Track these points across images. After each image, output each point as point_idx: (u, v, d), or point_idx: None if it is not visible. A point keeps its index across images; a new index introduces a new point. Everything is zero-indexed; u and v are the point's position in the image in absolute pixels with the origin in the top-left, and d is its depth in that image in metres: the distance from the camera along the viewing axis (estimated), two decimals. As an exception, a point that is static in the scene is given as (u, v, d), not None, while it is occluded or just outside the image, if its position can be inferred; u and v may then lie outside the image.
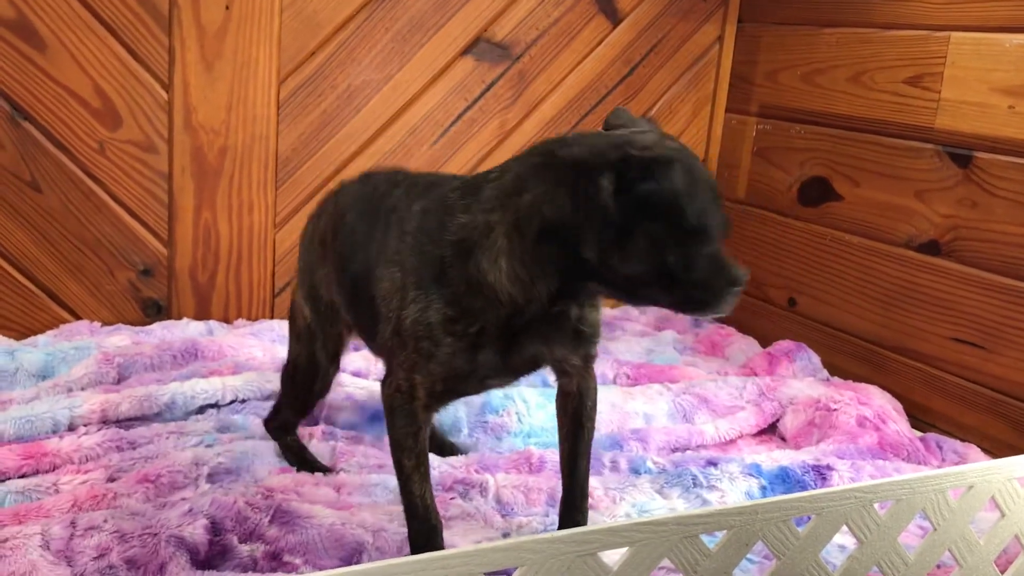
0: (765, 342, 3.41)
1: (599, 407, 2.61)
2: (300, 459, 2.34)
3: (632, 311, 3.77)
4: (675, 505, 2.10)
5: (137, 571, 1.78)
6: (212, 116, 3.06)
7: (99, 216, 2.99)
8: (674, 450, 2.59)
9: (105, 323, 3.05)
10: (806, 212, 3.41)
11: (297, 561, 1.85)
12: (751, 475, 2.21)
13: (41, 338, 2.88)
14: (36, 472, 2.20)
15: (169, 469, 2.21)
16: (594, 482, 2.27)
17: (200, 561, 1.83)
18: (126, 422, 2.44)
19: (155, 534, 1.84)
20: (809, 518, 1.74)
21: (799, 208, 3.44)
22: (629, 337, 3.43)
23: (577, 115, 3.55)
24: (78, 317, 3.05)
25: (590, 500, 2.09)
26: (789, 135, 3.47)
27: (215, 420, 2.51)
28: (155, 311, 3.14)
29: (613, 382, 2.98)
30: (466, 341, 1.53)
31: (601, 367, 3.01)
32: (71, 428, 2.37)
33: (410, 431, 1.69)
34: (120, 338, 2.88)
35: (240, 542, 1.89)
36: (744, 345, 3.40)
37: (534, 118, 3.50)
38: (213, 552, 1.87)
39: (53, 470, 2.22)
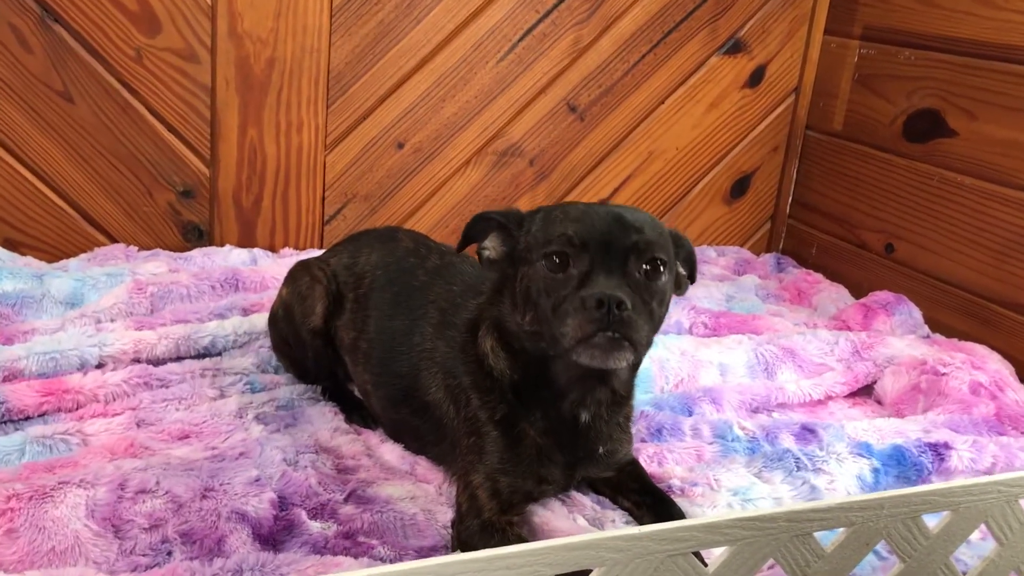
0: (857, 292, 3.09)
1: (667, 354, 2.37)
2: (346, 403, 2.13)
3: (708, 251, 3.47)
4: (779, 492, 1.84)
5: (192, 546, 1.57)
6: (259, 23, 2.78)
7: (136, 131, 2.75)
8: (753, 410, 2.32)
9: (142, 247, 2.84)
10: (911, 148, 3.05)
11: (374, 542, 1.65)
12: (861, 455, 1.93)
13: (72, 261, 2.68)
14: (58, 410, 2.00)
15: (213, 415, 2.00)
16: (679, 455, 2.01)
17: (263, 536, 1.63)
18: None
19: (215, 508, 1.65)
20: (941, 514, 1.47)
21: (903, 144, 3.08)
22: (708, 281, 3.14)
23: (659, 32, 3.21)
24: (114, 240, 2.84)
25: (679, 482, 1.85)
26: (896, 61, 3.09)
27: (255, 357, 2.28)
28: (196, 236, 2.91)
29: (689, 331, 2.69)
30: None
31: (676, 314, 2.73)
32: (99, 366, 2.16)
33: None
34: (156, 264, 2.66)
35: (310, 517, 1.71)
36: (834, 294, 3.09)
37: (611, 35, 3.18)
38: (278, 527, 1.67)
39: (76, 408, 2.02)
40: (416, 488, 1.84)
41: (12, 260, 2.64)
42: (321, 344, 2.12)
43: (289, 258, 2.83)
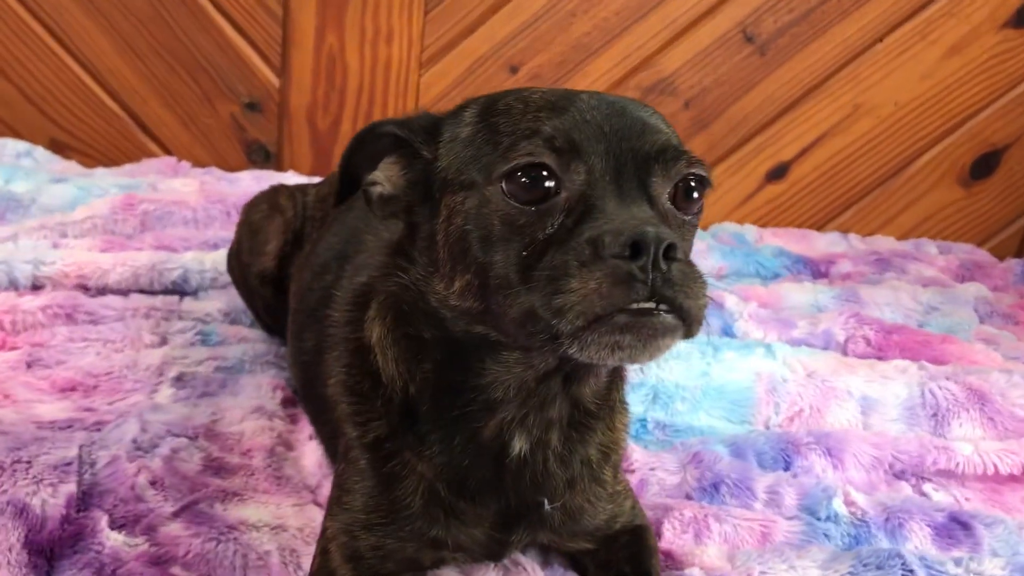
0: None
1: (786, 372, 1.64)
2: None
3: (927, 245, 2.60)
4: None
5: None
6: (346, -97, 2.31)
7: (196, 26, 2.37)
8: (896, 474, 1.54)
9: (197, 164, 2.44)
10: None
11: None
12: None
13: (100, 171, 2.33)
14: (-53, 332, 1.62)
15: (125, 367, 1.56)
16: (732, 529, 1.31)
17: (38, 543, 1.19)
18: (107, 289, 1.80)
19: None
20: None
21: None
22: (903, 284, 2.31)
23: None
24: (168, 152, 2.46)
25: (700, 574, 1.25)
26: None
27: (228, 301, 1.80)
28: (262, 157, 2.49)
29: (843, 347, 1.91)
30: None
31: (829, 322, 1.96)
32: (35, 288, 1.77)
33: None
34: (187, 182, 2.24)
35: (115, 527, 1.24)
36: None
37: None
38: (64, 533, 1.21)
39: (-29, 334, 1.63)
40: (297, 515, 1.29)
41: (49, 162, 2.35)
42: (271, 293, 1.61)
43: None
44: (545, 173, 0.93)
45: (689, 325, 0.90)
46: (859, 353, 1.94)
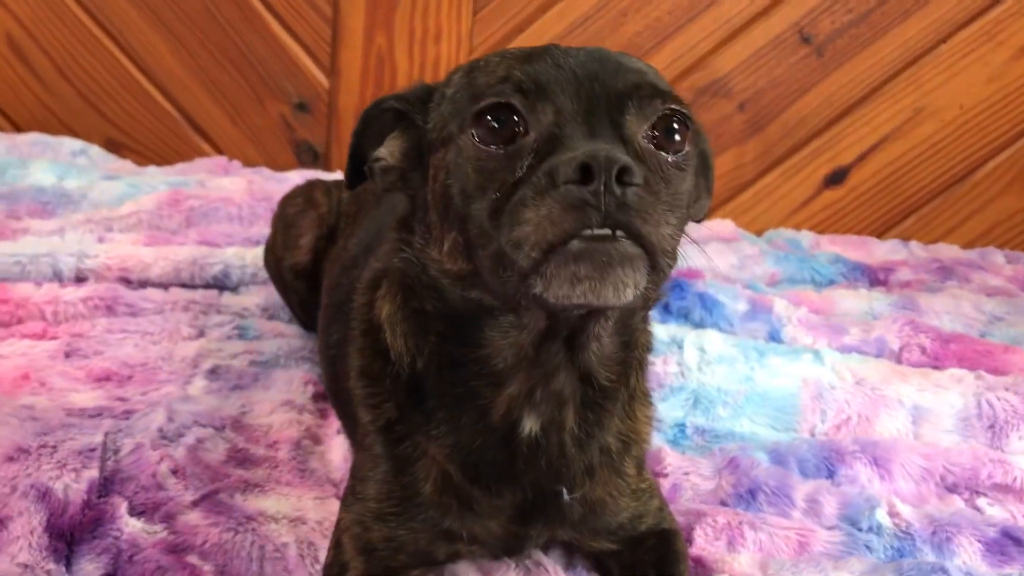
0: None
1: (833, 379, 1.58)
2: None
3: (994, 254, 2.50)
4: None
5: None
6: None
7: (247, 25, 2.39)
8: (948, 487, 1.47)
9: (248, 163, 2.46)
10: None
11: (206, 568, 1.15)
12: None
13: (151, 169, 2.35)
14: (-11, 321, 1.64)
15: (161, 359, 1.57)
16: (767, 538, 1.25)
17: (59, 527, 1.18)
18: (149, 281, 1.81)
19: (14, 477, 1.23)
20: None
21: None
22: (966, 293, 2.21)
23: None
24: (219, 151, 2.49)
25: None
26: None
27: (267, 297, 1.80)
28: (311, 157, 2.50)
29: (897, 355, 1.84)
30: None
31: (883, 329, 1.88)
32: (78, 281, 1.79)
33: None
34: (235, 180, 2.25)
35: (134, 514, 1.22)
36: None
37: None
38: (84, 518, 1.20)
39: (15, 323, 1.66)
40: (317, 508, 1.27)
41: (104, 160, 2.38)
42: (305, 288, 1.60)
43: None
44: (515, 117, 0.91)
45: (653, 255, 0.86)
46: (914, 362, 1.85)
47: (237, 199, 2.10)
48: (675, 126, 0.95)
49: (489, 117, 0.91)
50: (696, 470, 1.41)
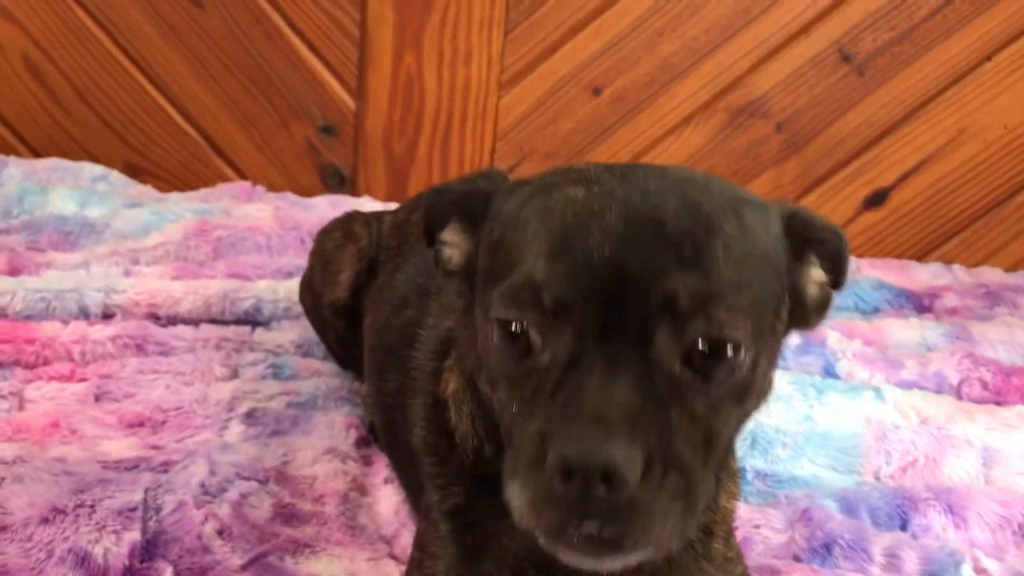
0: None
1: (897, 418, 1.52)
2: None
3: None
4: None
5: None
6: (423, -78, 2.24)
7: (271, 46, 2.32)
8: (1024, 535, 1.40)
9: (272, 188, 2.39)
10: None
11: None
12: None
13: (174, 196, 2.29)
14: (15, 363, 1.57)
15: (195, 402, 1.49)
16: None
17: None
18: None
19: (50, 540, 1.15)
20: None
21: None
22: (1017, 320, 2.13)
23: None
24: (243, 176, 2.42)
25: None
26: None
27: (302, 333, 1.72)
28: (337, 182, 2.43)
29: (956, 390, 1.76)
30: None
31: (941, 362, 1.81)
32: (105, 317, 1.71)
33: None
34: (262, 207, 2.18)
35: None
36: None
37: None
38: None
39: (41, 364, 1.58)
40: (372, 571, 1.19)
41: (124, 186, 2.31)
42: (344, 326, 1.52)
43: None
44: (530, 330, 0.80)
45: (655, 543, 0.76)
46: (974, 397, 1.78)
47: (265, 228, 2.03)
48: (726, 348, 0.79)
49: (511, 328, 0.81)
50: (767, 522, 1.34)
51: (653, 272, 0.77)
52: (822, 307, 0.94)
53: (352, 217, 1.61)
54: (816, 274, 0.93)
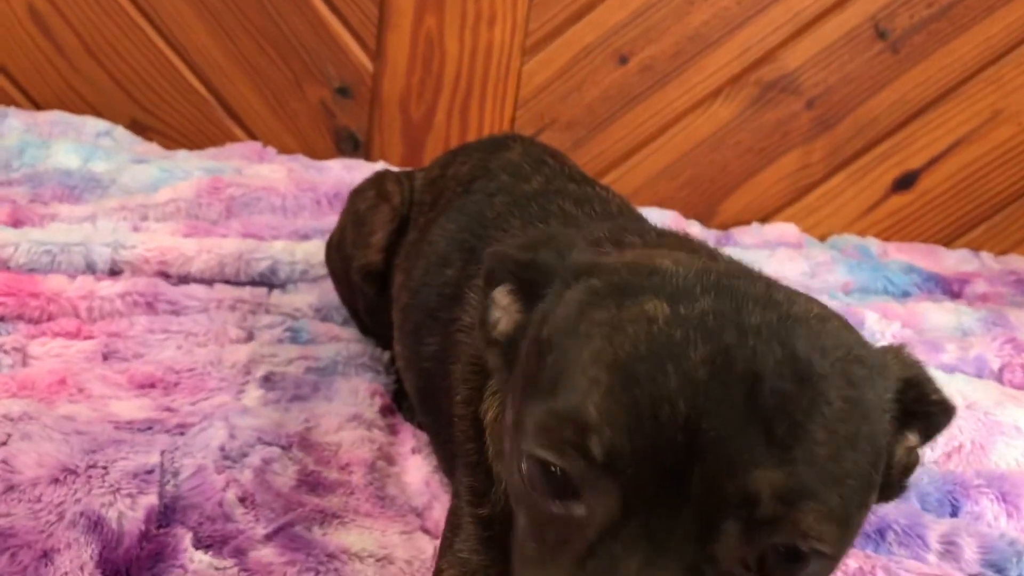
0: None
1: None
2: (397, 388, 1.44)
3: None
4: None
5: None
6: None
7: (289, 5, 2.24)
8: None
9: (283, 150, 2.30)
10: None
11: None
12: None
13: (182, 153, 2.19)
14: (18, 317, 1.48)
15: (209, 364, 1.41)
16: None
17: (113, 562, 1.02)
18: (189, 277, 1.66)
19: (61, 502, 1.06)
20: None
21: None
22: (1051, 305, 2.06)
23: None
24: (253, 137, 2.33)
25: None
26: None
27: (320, 296, 1.64)
28: (351, 146, 2.34)
29: (997, 375, 1.70)
30: None
31: (982, 347, 1.75)
32: (113, 274, 1.63)
33: None
34: (275, 168, 2.10)
35: (200, 547, 1.07)
36: None
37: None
38: (142, 552, 1.04)
39: (46, 319, 1.49)
40: (405, 545, 1.11)
41: (129, 142, 2.22)
42: (374, 291, 1.44)
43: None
44: (566, 479, 0.67)
45: None
46: (1016, 383, 1.72)
47: (280, 189, 1.94)
48: (801, 563, 0.66)
49: (544, 471, 0.68)
50: (818, 505, 1.27)
51: (734, 452, 0.62)
52: (906, 474, 0.79)
53: (384, 176, 1.53)
54: (910, 440, 0.79)
